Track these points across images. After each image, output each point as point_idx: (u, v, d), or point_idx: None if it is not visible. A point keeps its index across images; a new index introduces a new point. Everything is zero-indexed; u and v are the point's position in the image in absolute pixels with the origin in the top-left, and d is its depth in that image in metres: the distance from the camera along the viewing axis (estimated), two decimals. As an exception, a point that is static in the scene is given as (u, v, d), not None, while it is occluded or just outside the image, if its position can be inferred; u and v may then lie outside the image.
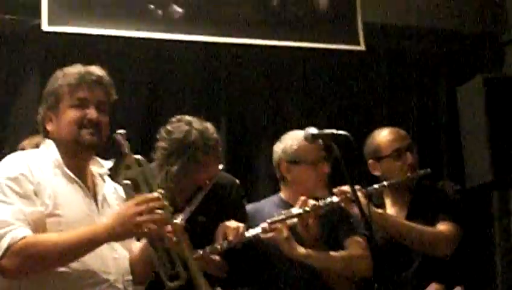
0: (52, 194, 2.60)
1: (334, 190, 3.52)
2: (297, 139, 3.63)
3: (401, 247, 3.66)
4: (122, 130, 2.73)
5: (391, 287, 3.62)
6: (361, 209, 3.12)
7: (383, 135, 3.89)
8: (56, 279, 2.53)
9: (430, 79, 5.21)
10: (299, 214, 3.43)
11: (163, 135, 3.44)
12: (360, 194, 3.37)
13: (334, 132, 3.21)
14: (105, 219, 2.68)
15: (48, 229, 2.55)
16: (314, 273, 3.48)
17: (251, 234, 3.37)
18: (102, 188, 2.80)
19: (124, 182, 2.72)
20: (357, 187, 3.34)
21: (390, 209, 3.84)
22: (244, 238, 3.33)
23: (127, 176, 2.73)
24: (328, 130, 3.26)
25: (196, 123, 3.43)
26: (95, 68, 2.80)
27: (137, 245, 2.86)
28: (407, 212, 3.79)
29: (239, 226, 3.32)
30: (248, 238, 3.35)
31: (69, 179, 2.69)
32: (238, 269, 3.44)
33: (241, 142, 4.74)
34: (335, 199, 3.49)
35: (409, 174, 3.75)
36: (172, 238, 2.64)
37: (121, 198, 2.88)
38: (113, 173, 2.87)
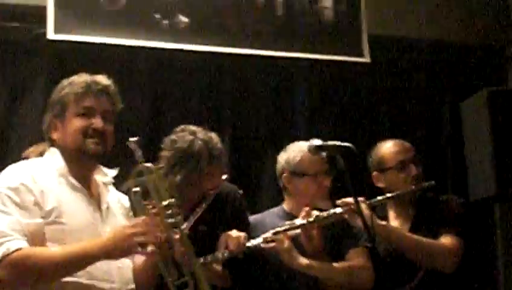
0: (56, 202, 2.60)
1: (338, 201, 3.52)
2: (301, 151, 3.63)
3: (404, 259, 3.65)
4: (135, 138, 2.75)
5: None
6: (365, 221, 3.12)
7: (388, 147, 3.89)
8: (60, 287, 2.53)
9: (435, 92, 5.20)
10: (302, 225, 3.43)
11: (167, 144, 3.44)
12: (363, 206, 3.38)
13: (338, 143, 3.22)
14: (109, 227, 2.70)
15: (52, 237, 2.56)
16: (315, 284, 3.48)
17: (252, 243, 3.37)
18: (107, 197, 2.81)
19: (134, 189, 2.73)
20: (360, 199, 3.34)
21: (394, 221, 3.84)
22: (245, 247, 3.32)
23: (137, 183, 2.75)
24: (332, 142, 3.26)
25: (200, 133, 3.43)
26: (101, 77, 2.82)
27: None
28: (411, 225, 3.78)
29: (240, 236, 3.32)
30: (249, 248, 3.35)
31: (73, 188, 2.70)
32: (240, 279, 3.44)
33: (245, 153, 4.73)
34: (338, 210, 3.49)
35: (413, 186, 3.74)
36: (181, 247, 2.66)
37: (124, 207, 2.89)
38: (123, 181, 2.90)
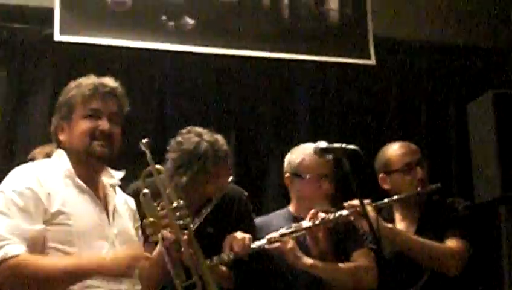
0: (62, 204, 2.60)
1: (344, 204, 3.52)
2: (302, 153, 3.63)
3: (410, 261, 3.64)
4: (146, 139, 2.76)
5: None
6: (370, 223, 3.12)
7: (394, 149, 3.88)
8: (68, 288, 2.54)
9: (441, 94, 5.20)
10: (308, 227, 3.44)
11: (173, 146, 3.44)
12: (369, 208, 3.39)
13: (344, 146, 3.22)
14: (116, 229, 2.71)
15: (59, 239, 2.56)
16: (320, 284, 3.48)
17: (257, 245, 3.38)
18: (113, 199, 2.80)
19: (144, 191, 2.74)
20: (366, 201, 3.34)
21: (400, 223, 3.83)
22: (250, 249, 3.33)
23: (146, 185, 2.76)
24: (337, 144, 3.26)
25: (206, 135, 3.43)
26: (108, 80, 2.81)
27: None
28: (417, 227, 3.77)
29: (245, 237, 3.32)
30: (254, 249, 3.36)
31: (80, 189, 2.70)
32: (245, 280, 3.44)
33: (251, 155, 4.74)
34: (344, 212, 3.49)
35: (419, 188, 3.74)
36: (189, 248, 2.67)
37: (131, 209, 2.90)
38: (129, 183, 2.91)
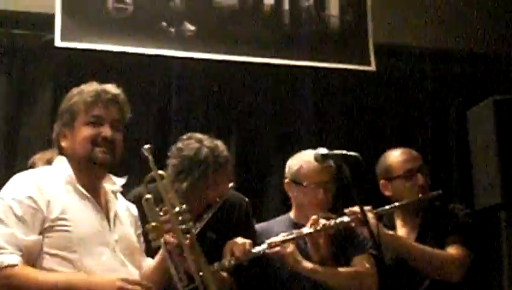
0: (62, 210, 2.61)
1: (345, 210, 3.52)
2: (302, 160, 3.63)
3: (410, 268, 3.64)
4: (148, 145, 2.77)
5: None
6: (371, 230, 3.12)
7: (395, 156, 3.87)
8: None
9: (441, 100, 5.19)
10: (309, 233, 3.44)
11: (173, 152, 3.44)
12: (370, 215, 3.38)
13: (344, 152, 3.22)
14: (117, 236, 2.71)
15: (58, 245, 2.57)
16: (320, 289, 3.48)
17: (257, 250, 3.37)
18: (115, 205, 2.81)
19: (146, 196, 2.75)
20: (367, 208, 3.34)
21: (401, 230, 3.83)
22: (250, 254, 3.33)
23: (149, 190, 2.76)
24: (338, 151, 3.26)
25: (207, 141, 3.43)
26: (110, 86, 2.82)
27: (147, 262, 2.89)
28: (417, 234, 3.77)
29: (245, 243, 3.32)
30: (255, 254, 3.35)
31: (81, 196, 2.70)
32: (246, 286, 3.44)
33: (252, 161, 4.74)
34: (346, 219, 3.48)
35: (420, 195, 3.73)
36: (191, 253, 2.67)
37: (133, 216, 2.90)
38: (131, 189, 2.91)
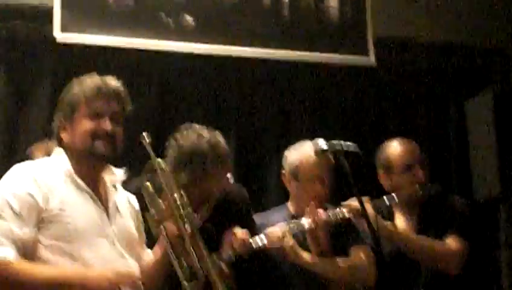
0: (60, 202, 2.60)
1: (343, 203, 3.53)
2: (301, 154, 3.63)
3: (409, 260, 3.66)
4: (146, 133, 2.76)
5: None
6: (369, 222, 3.13)
7: (394, 148, 3.86)
8: None
9: (439, 92, 5.20)
10: (310, 228, 3.45)
11: (172, 143, 3.43)
12: (368, 207, 3.39)
13: (343, 144, 3.22)
14: (116, 228, 2.71)
15: (57, 236, 2.56)
16: (320, 282, 3.50)
17: (257, 243, 3.39)
18: (114, 197, 2.80)
19: (145, 183, 2.75)
20: (365, 199, 3.34)
21: (399, 222, 3.82)
22: (250, 247, 3.35)
23: (148, 179, 2.76)
24: (337, 143, 3.25)
25: (205, 132, 3.43)
26: (111, 79, 2.80)
27: (148, 253, 2.90)
28: (416, 226, 3.78)
29: (244, 235, 3.33)
30: (254, 247, 3.37)
31: (79, 188, 2.69)
32: (245, 278, 3.44)
33: (250, 153, 4.75)
34: (344, 210, 3.49)
35: (418, 188, 3.72)
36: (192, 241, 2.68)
37: (133, 208, 2.90)
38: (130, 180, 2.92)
